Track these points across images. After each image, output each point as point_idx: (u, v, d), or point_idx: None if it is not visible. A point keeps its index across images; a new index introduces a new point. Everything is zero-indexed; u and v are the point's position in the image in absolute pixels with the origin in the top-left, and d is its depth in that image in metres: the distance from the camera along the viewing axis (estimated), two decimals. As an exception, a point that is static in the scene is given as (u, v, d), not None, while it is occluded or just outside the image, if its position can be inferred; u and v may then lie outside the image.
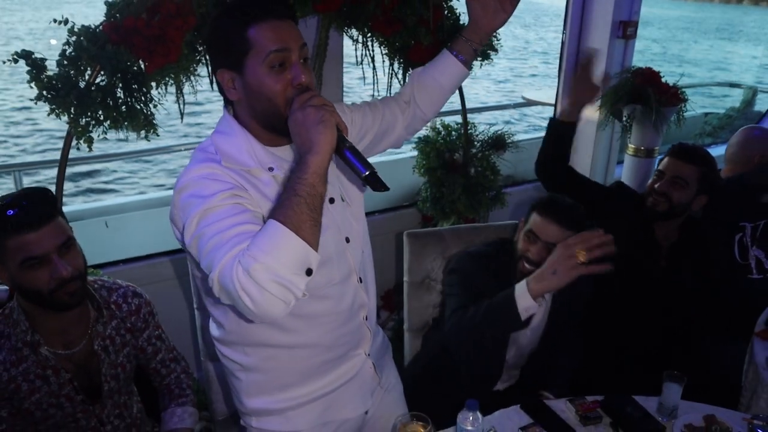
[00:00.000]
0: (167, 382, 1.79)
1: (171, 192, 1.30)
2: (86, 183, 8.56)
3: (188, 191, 1.22)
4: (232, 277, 1.07)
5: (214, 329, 1.53)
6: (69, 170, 2.02)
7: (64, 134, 1.92)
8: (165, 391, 1.80)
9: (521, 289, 1.66)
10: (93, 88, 1.75)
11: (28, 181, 3.13)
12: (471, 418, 1.53)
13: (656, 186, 2.26)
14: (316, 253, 1.12)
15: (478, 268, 1.96)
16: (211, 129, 1.38)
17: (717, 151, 4.60)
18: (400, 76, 2.61)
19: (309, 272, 1.12)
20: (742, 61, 21.82)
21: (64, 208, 1.84)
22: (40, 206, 1.41)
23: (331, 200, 1.42)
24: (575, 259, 1.53)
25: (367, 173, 1.18)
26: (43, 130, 11.09)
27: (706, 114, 5.38)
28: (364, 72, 2.53)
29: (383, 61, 2.59)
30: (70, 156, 1.94)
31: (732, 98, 5.87)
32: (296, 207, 1.10)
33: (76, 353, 1.57)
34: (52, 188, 1.70)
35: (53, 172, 2.01)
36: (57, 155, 1.94)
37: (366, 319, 1.56)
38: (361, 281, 1.53)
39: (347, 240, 1.47)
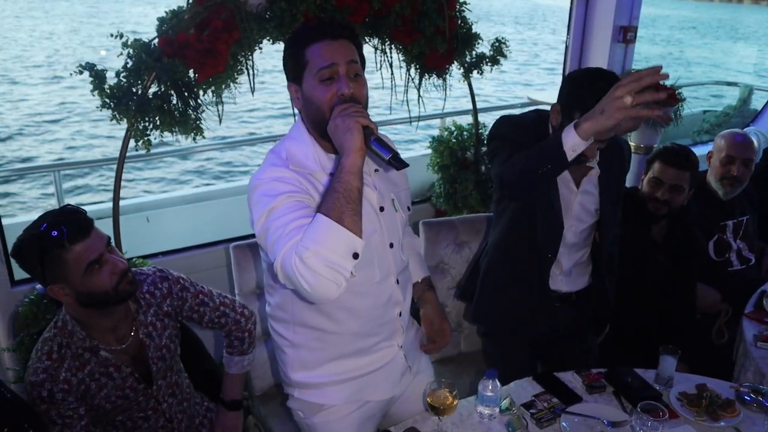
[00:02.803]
0: (224, 333, 1.95)
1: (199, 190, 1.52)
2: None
3: (259, 190, 1.44)
4: (291, 264, 1.28)
5: (271, 309, 1.75)
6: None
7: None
8: (225, 339, 1.97)
9: (569, 129, 1.61)
10: (151, 96, 1.95)
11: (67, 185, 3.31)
12: (490, 386, 1.74)
13: (657, 194, 2.42)
14: (360, 239, 1.32)
15: (517, 131, 1.96)
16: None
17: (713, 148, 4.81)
18: (416, 81, 2.82)
19: (355, 256, 1.31)
20: (739, 60, 21.95)
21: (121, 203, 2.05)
22: (80, 216, 1.56)
23: (381, 209, 1.61)
24: (623, 100, 1.46)
25: (389, 156, 1.37)
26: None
27: (705, 112, 5.58)
28: (383, 76, 2.73)
29: (401, 67, 2.80)
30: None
31: (729, 96, 6.05)
32: (336, 201, 1.30)
33: (128, 345, 1.72)
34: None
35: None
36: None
37: (400, 315, 1.75)
38: (398, 282, 1.71)
39: (391, 245, 1.66)
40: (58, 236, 1.48)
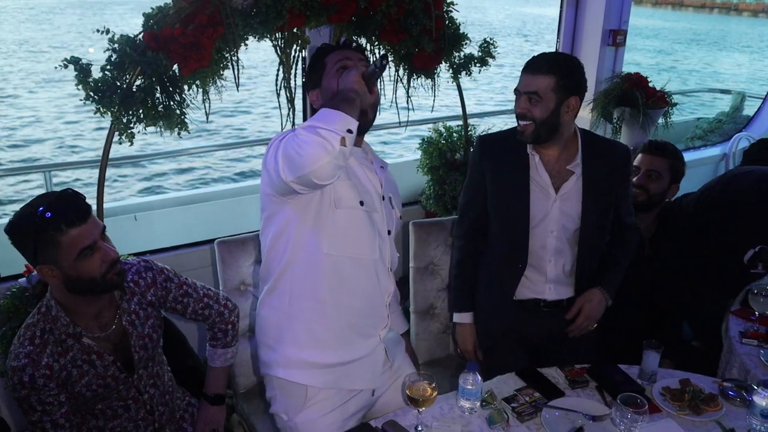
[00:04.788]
0: (207, 325, 1.96)
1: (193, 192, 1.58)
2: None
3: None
4: (286, 144, 1.44)
5: (269, 285, 1.80)
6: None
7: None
8: (208, 332, 1.98)
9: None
10: (135, 90, 1.96)
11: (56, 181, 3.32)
12: (471, 379, 1.74)
13: (634, 180, 2.46)
14: (355, 121, 1.45)
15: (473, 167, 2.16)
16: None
17: (707, 153, 4.84)
18: (405, 81, 2.83)
19: (349, 131, 1.43)
20: (731, 69, 22.08)
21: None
22: (80, 202, 1.57)
23: (383, 198, 1.82)
24: None
25: (376, 65, 1.57)
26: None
27: (698, 119, 5.60)
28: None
29: (389, 67, 2.81)
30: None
31: (723, 104, 6.08)
32: (333, 100, 1.52)
33: (111, 333, 1.73)
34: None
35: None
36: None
37: (388, 304, 1.88)
38: (390, 271, 1.87)
39: (389, 233, 1.85)
40: (55, 217, 1.49)
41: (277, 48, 2.36)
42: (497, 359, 2.17)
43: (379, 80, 1.70)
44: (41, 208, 1.50)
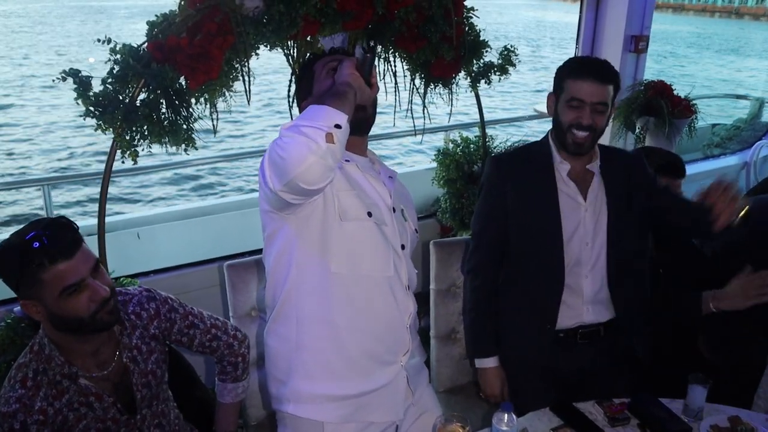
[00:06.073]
0: (216, 358, 1.83)
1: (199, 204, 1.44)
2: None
3: None
4: (271, 147, 1.29)
5: (275, 310, 1.64)
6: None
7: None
8: (217, 365, 1.85)
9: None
10: (138, 104, 1.82)
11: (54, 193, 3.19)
12: (506, 419, 1.59)
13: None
14: (345, 115, 1.30)
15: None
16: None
17: (727, 162, 4.70)
18: (421, 90, 2.69)
19: (337, 126, 1.28)
20: (740, 74, 21.94)
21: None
22: (68, 234, 1.42)
23: (393, 210, 1.64)
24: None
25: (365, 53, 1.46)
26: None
27: (714, 125, 5.45)
28: (386, 86, 2.61)
29: (404, 76, 2.68)
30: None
31: (738, 110, 5.94)
32: (323, 95, 1.38)
33: (110, 372, 1.58)
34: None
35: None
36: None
37: (408, 327, 1.68)
38: (408, 289, 1.68)
39: (402, 247, 1.66)
40: (38, 251, 1.35)
41: (290, 58, 2.21)
42: (526, 396, 2.01)
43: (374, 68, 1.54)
44: (28, 236, 1.37)
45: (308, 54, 1.74)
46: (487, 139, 3.07)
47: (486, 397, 2.11)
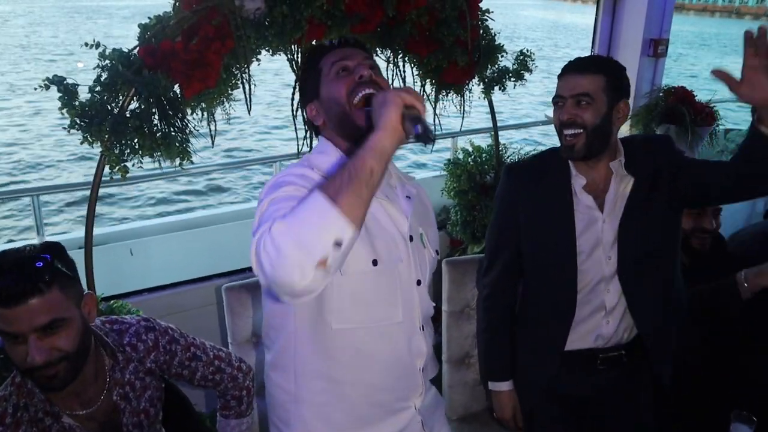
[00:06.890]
0: (218, 392, 1.70)
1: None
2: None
3: (276, 179, 1.29)
4: (261, 239, 1.04)
5: (272, 356, 1.48)
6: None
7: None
8: (219, 399, 1.72)
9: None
10: (128, 115, 1.67)
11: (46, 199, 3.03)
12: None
13: None
14: (354, 227, 1.04)
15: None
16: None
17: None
18: (432, 97, 2.54)
19: (338, 244, 1.03)
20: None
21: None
22: (23, 283, 1.23)
23: (411, 238, 1.43)
24: None
25: (419, 132, 1.11)
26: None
27: (727, 131, 5.28)
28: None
29: (414, 83, 2.52)
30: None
31: (739, 112, 5.77)
32: (339, 177, 1.06)
33: (96, 410, 1.44)
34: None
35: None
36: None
37: (422, 370, 1.50)
38: (422, 330, 1.48)
39: (418, 283, 1.43)
40: None
41: (293, 63, 2.05)
42: (542, 424, 1.91)
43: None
44: None
45: (314, 43, 1.48)
46: (500, 149, 2.91)
47: (498, 419, 2.00)
